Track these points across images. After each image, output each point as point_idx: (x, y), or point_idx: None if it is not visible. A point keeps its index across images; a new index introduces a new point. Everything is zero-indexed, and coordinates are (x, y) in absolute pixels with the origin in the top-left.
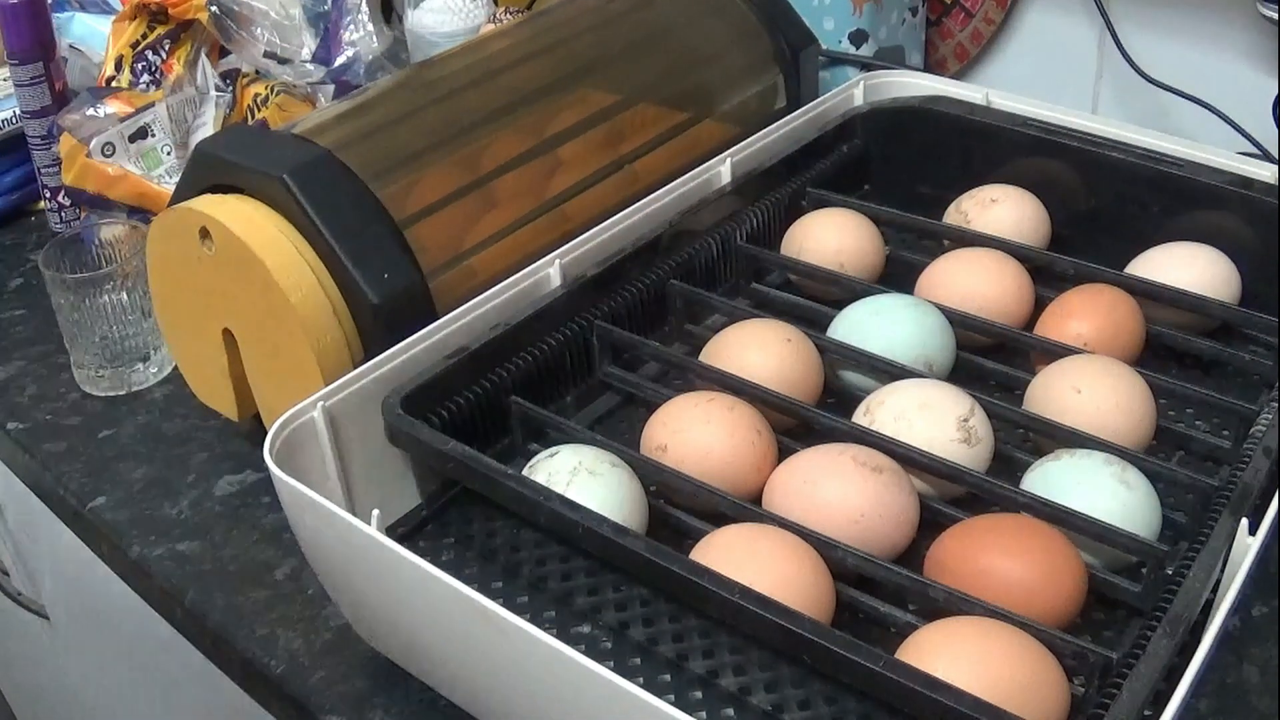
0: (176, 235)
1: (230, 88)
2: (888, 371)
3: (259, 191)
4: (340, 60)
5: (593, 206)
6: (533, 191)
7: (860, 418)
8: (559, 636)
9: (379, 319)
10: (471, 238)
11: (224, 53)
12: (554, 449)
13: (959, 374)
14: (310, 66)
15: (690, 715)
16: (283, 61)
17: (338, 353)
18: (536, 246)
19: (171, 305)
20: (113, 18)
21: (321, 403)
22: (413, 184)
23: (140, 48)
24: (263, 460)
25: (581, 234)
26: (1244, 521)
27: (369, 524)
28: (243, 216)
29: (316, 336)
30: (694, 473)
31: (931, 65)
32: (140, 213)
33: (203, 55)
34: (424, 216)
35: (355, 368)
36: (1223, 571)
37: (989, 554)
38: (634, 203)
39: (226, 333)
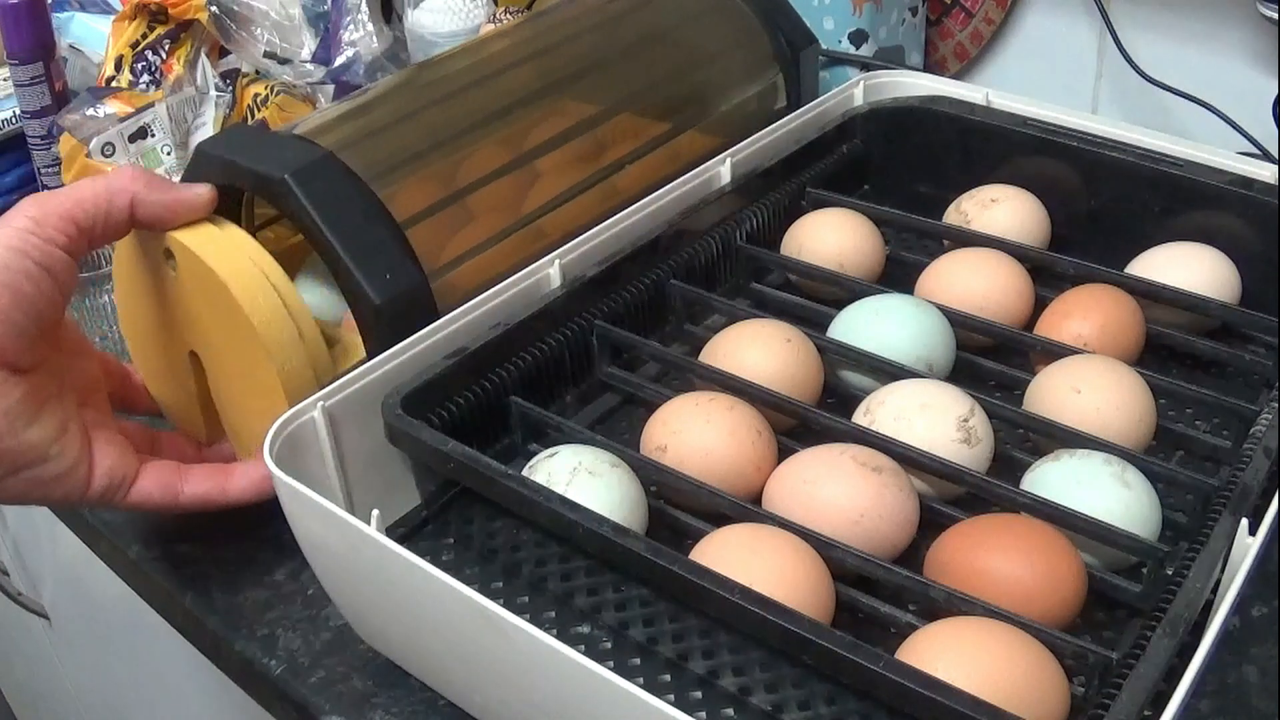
0: (141, 256)
1: (230, 88)
2: (888, 371)
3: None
4: (340, 60)
5: (593, 206)
6: (535, 191)
7: (860, 418)
8: (559, 636)
9: (381, 320)
10: (473, 238)
11: (224, 53)
12: (554, 449)
13: (959, 374)
14: (310, 66)
15: (690, 715)
16: (283, 61)
17: (301, 376)
18: (539, 246)
19: (138, 326)
20: (113, 18)
21: (321, 403)
22: (414, 184)
23: (140, 48)
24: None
25: (582, 233)
26: (1244, 521)
27: (369, 524)
28: (207, 238)
29: (281, 360)
30: (694, 473)
31: (931, 65)
32: None
33: (203, 55)
34: (426, 217)
35: (320, 389)
36: (1223, 571)
37: (989, 554)
38: (635, 202)
39: (193, 355)
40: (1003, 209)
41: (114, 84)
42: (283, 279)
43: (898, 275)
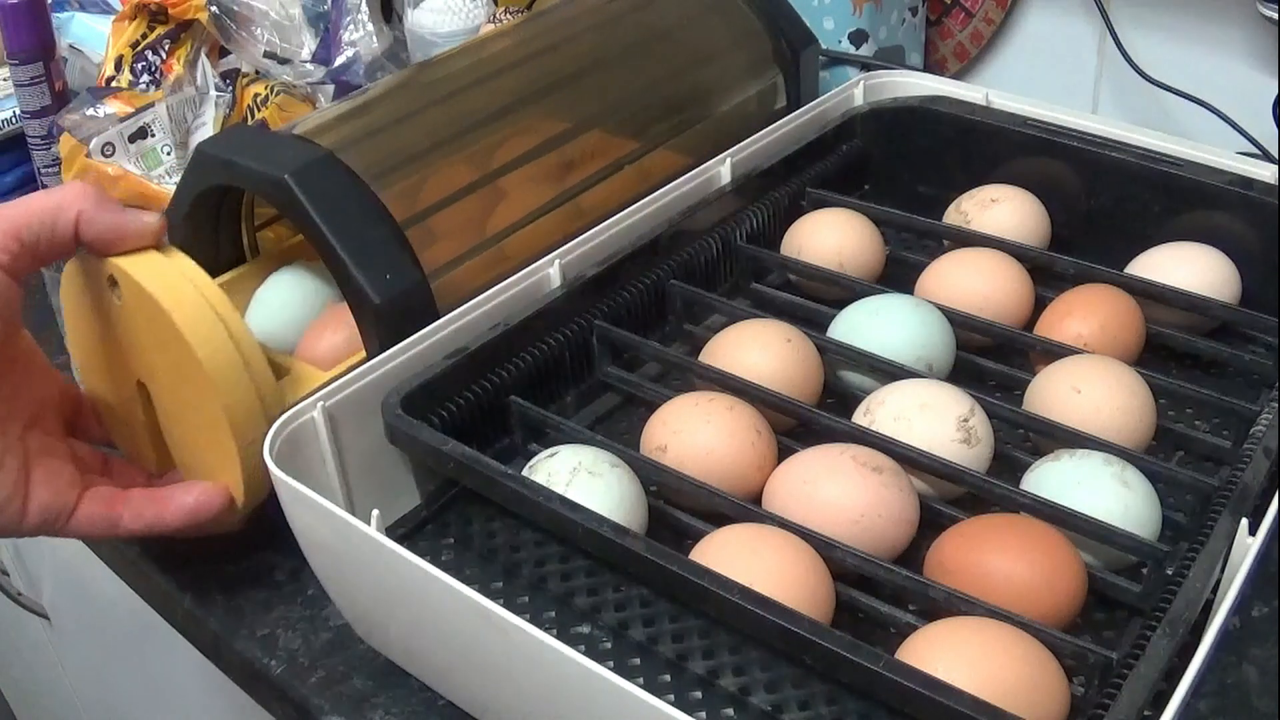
0: (86, 283)
1: (230, 88)
2: (888, 371)
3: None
4: (340, 60)
5: (595, 207)
6: (534, 191)
7: (860, 418)
8: (559, 636)
9: (381, 320)
10: (473, 238)
11: (224, 53)
12: (554, 449)
13: (959, 374)
14: (310, 66)
15: (690, 715)
16: (283, 61)
17: (248, 409)
18: (539, 247)
19: (87, 354)
20: (113, 18)
21: (321, 403)
22: (414, 184)
23: (140, 48)
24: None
25: (584, 233)
26: (1244, 521)
27: (369, 524)
28: (151, 266)
29: (227, 393)
30: (694, 473)
31: (931, 65)
32: None
33: (203, 55)
34: (425, 217)
35: (269, 423)
36: (1223, 571)
37: (989, 554)
38: (634, 202)
39: (141, 385)
40: (1003, 209)
41: (114, 84)
42: (229, 309)
43: (898, 275)
